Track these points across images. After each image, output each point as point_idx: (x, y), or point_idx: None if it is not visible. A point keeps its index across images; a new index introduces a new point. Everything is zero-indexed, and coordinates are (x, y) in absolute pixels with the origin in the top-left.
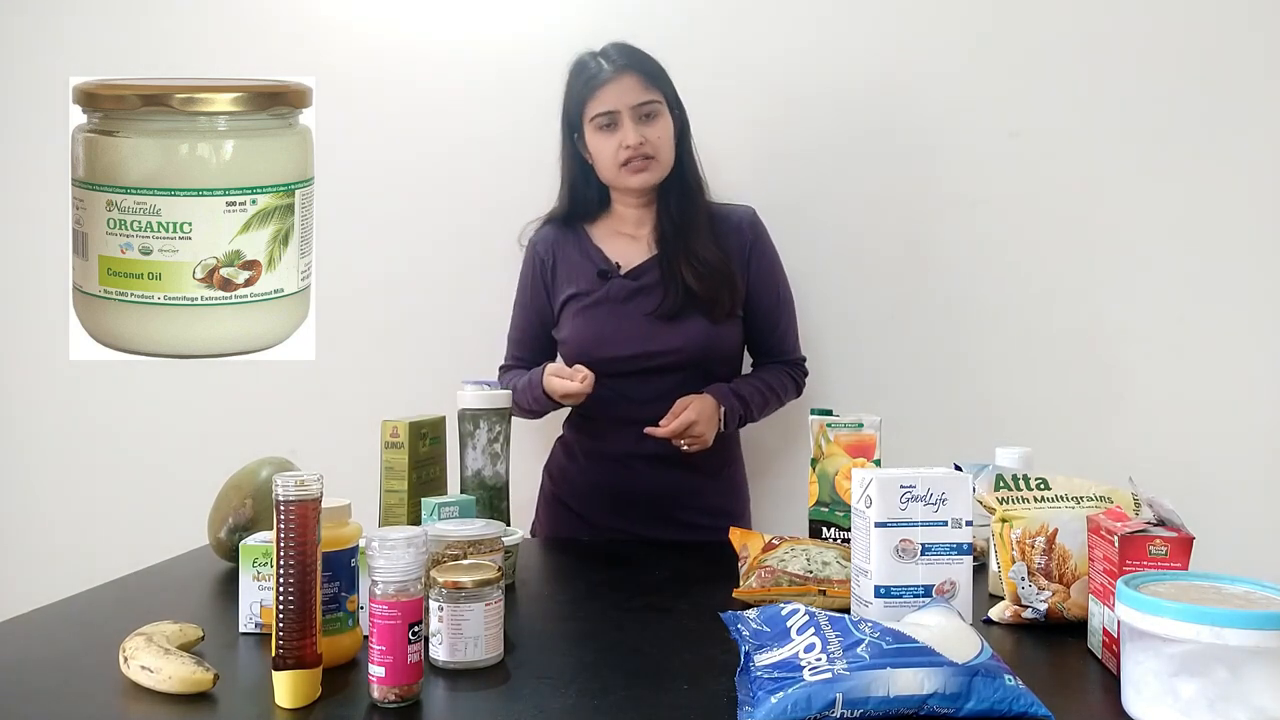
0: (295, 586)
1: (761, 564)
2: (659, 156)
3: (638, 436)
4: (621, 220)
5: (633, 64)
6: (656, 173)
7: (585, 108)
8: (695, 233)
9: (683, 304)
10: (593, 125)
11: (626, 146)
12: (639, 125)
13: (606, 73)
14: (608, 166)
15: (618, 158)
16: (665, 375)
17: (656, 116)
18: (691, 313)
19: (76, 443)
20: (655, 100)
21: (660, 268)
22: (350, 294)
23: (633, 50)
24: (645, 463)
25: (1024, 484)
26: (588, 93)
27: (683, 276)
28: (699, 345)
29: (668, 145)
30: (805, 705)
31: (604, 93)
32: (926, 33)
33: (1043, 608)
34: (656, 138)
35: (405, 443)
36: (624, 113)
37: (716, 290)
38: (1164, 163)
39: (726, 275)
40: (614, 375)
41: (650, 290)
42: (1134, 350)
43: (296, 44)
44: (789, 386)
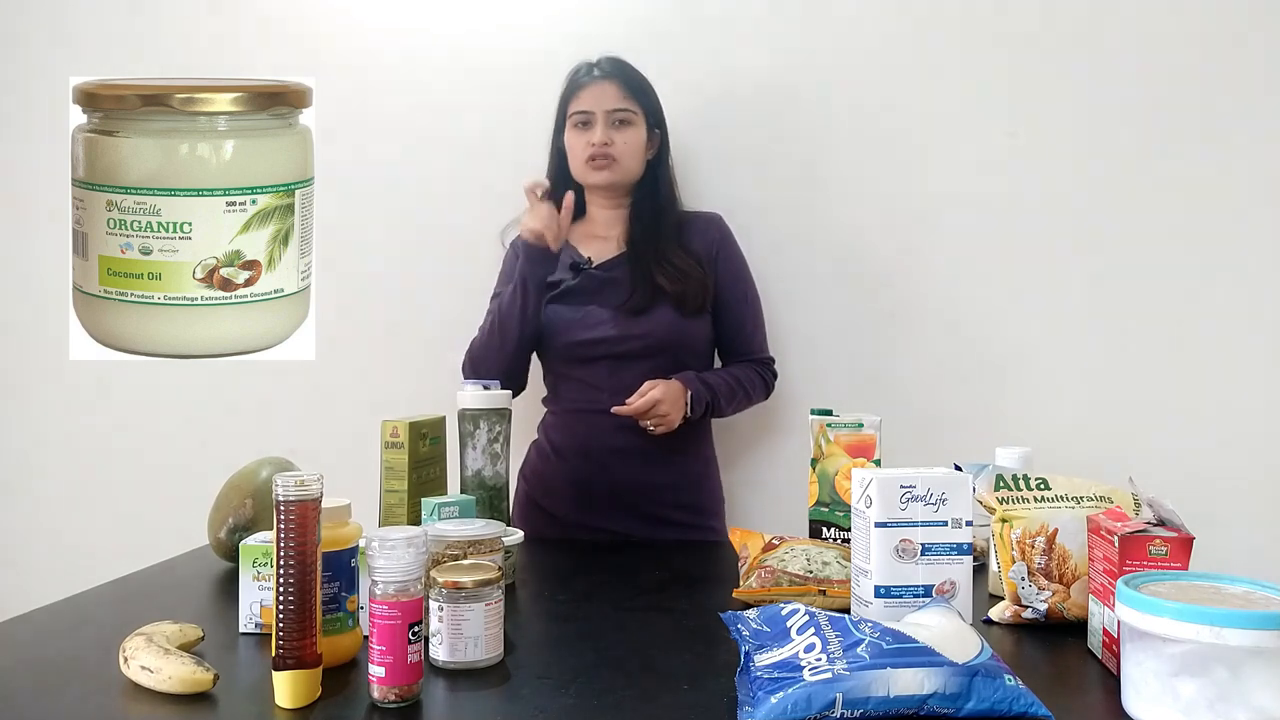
0: (295, 586)
1: (761, 564)
2: (621, 161)
3: (608, 429)
4: (593, 221)
5: (616, 73)
6: (616, 173)
7: (568, 106)
8: (665, 240)
9: (652, 299)
10: (570, 123)
11: (592, 144)
12: (609, 129)
13: (593, 76)
14: (577, 162)
15: (584, 154)
16: (635, 363)
17: (629, 125)
18: (661, 304)
19: (76, 443)
20: (630, 110)
21: (629, 265)
22: (350, 294)
23: (623, 64)
24: (616, 457)
25: (1024, 484)
26: (571, 92)
27: (652, 276)
28: (667, 331)
29: (632, 153)
30: (805, 705)
31: (584, 94)
32: (924, 32)
33: (1043, 608)
34: (623, 143)
35: (405, 443)
36: (598, 114)
37: (686, 287)
38: (1163, 162)
39: (697, 277)
40: (584, 361)
41: (620, 284)
42: (1133, 350)
43: (296, 44)
44: (757, 384)
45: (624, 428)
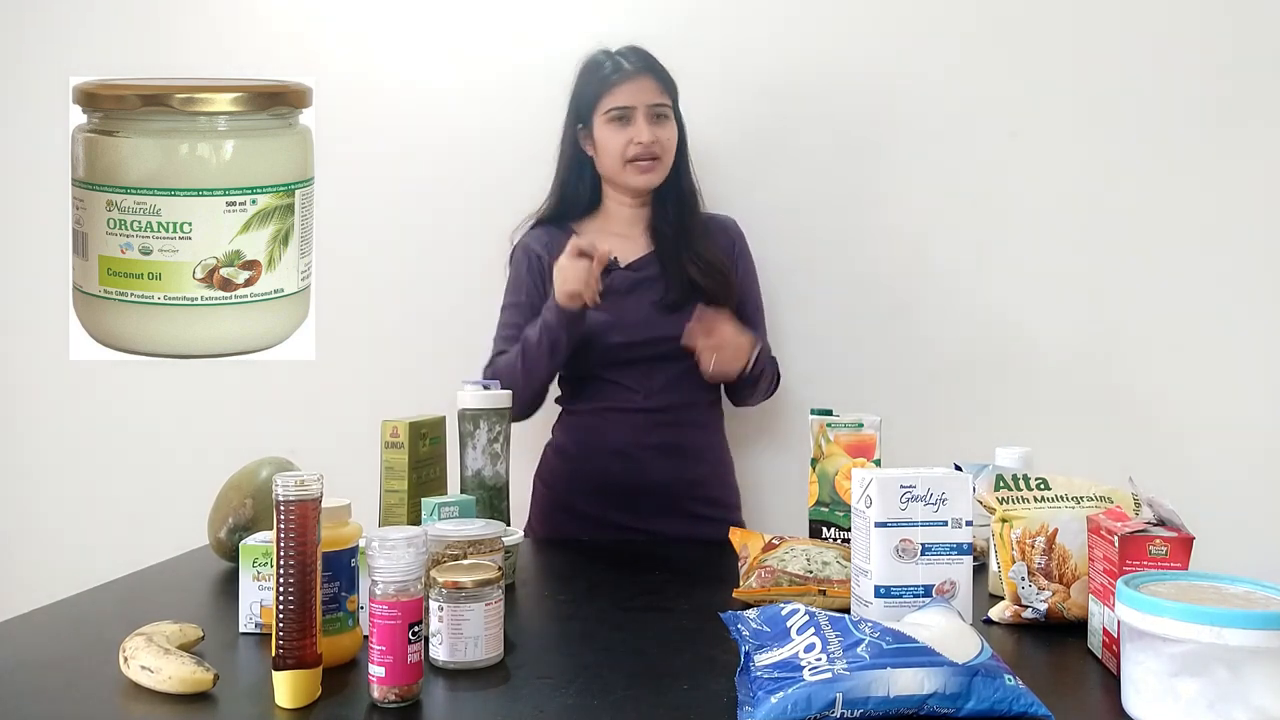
0: (295, 586)
1: (761, 564)
2: (664, 159)
3: (639, 428)
4: (613, 220)
5: (651, 67)
6: (660, 174)
7: (600, 101)
8: (694, 236)
9: (687, 295)
10: (605, 118)
11: (639, 143)
12: (651, 124)
13: (626, 71)
14: (612, 161)
15: (626, 153)
16: (668, 364)
17: (667, 120)
18: (696, 300)
19: (76, 443)
20: (667, 105)
21: (661, 262)
22: (350, 294)
23: (650, 55)
24: (648, 453)
25: (1024, 484)
26: (604, 88)
27: (686, 271)
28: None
29: (673, 150)
30: (805, 705)
31: (622, 89)
32: (926, 32)
33: (1043, 608)
34: (666, 139)
35: (405, 443)
36: (639, 110)
37: (718, 284)
38: (1163, 162)
39: (726, 274)
40: (618, 364)
41: (652, 282)
42: (1133, 350)
43: (296, 44)
44: (775, 377)
45: (657, 425)
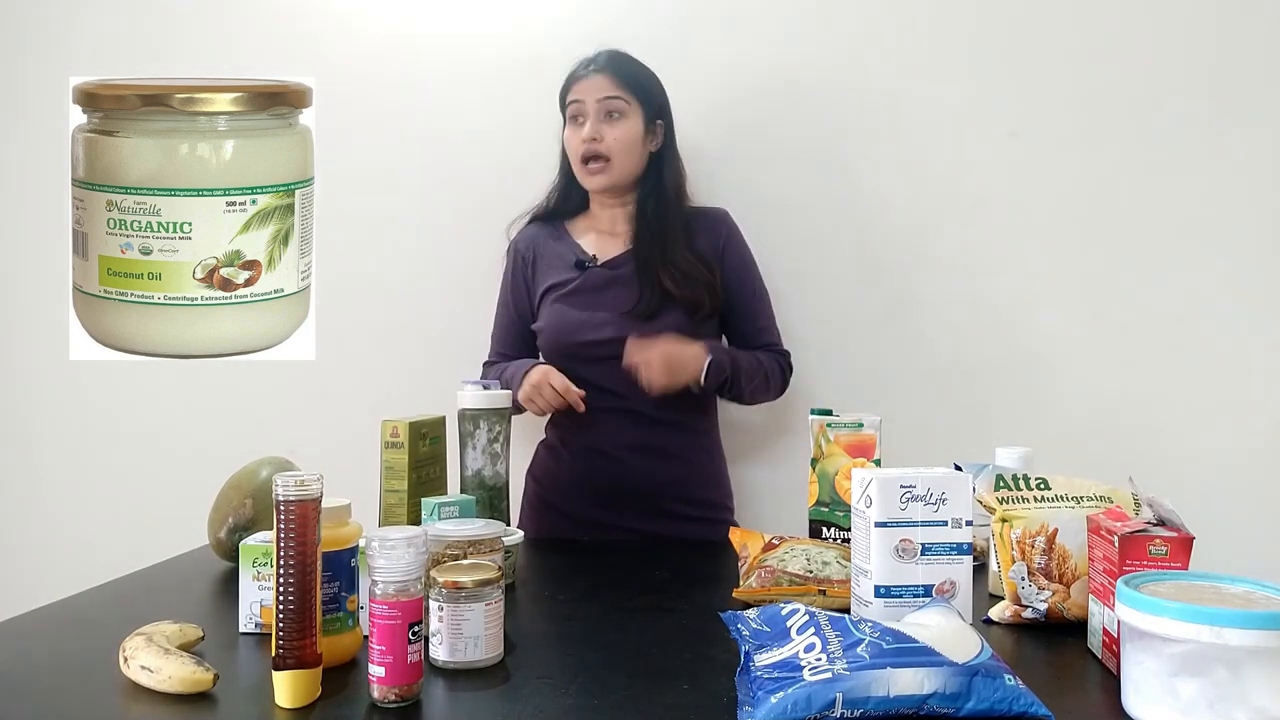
0: (295, 586)
1: (761, 564)
2: (614, 159)
3: (618, 427)
4: (597, 218)
5: (610, 65)
6: (610, 175)
7: (564, 99)
8: (672, 240)
9: (660, 304)
10: (567, 116)
11: (583, 140)
12: (599, 122)
13: (586, 70)
14: (574, 160)
15: (578, 151)
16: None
17: (621, 117)
18: (670, 309)
19: (76, 443)
20: (621, 99)
21: (635, 268)
22: (350, 294)
23: (620, 55)
24: (632, 454)
25: (1024, 484)
26: (567, 86)
27: (659, 280)
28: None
29: (625, 149)
30: (805, 705)
31: (576, 86)
32: (925, 32)
33: (1043, 608)
34: (614, 138)
35: (405, 443)
36: (589, 105)
37: (695, 293)
38: (1163, 163)
39: (705, 280)
40: (591, 361)
41: (627, 282)
42: (1133, 350)
43: (296, 44)
44: (776, 371)
45: (636, 425)
